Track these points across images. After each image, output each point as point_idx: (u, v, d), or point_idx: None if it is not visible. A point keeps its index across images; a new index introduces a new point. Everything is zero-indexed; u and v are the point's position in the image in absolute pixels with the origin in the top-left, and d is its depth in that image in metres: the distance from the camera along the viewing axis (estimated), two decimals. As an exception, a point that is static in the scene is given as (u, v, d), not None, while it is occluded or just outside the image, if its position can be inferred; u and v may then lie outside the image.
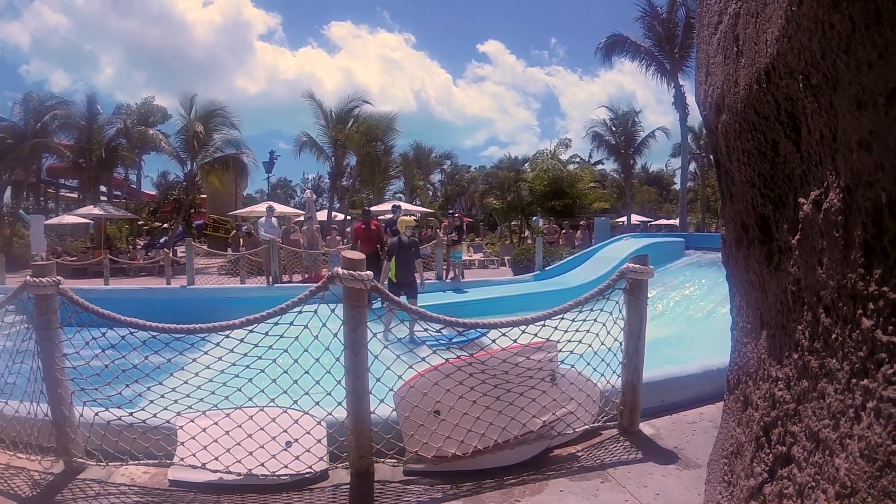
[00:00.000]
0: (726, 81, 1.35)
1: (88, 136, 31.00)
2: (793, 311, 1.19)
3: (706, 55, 1.52)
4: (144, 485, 3.72)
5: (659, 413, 4.72)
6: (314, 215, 19.55)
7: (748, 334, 1.50)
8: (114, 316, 3.79)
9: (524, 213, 39.42)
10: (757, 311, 1.42)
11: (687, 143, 34.95)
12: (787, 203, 1.20)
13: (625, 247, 15.54)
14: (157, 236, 32.82)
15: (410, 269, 9.76)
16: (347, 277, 3.54)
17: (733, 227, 1.53)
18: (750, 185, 1.34)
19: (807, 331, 1.13)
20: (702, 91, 1.56)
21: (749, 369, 1.46)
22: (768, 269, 1.31)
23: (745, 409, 1.46)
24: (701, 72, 1.58)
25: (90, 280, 17.22)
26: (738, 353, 1.58)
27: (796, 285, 1.17)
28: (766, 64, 1.14)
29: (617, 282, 4.34)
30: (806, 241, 1.11)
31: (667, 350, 8.25)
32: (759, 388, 1.36)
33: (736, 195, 1.46)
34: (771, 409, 1.27)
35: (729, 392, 1.65)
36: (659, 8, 30.64)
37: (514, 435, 3.91)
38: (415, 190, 48.98)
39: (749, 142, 1.28)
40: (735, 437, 1.51)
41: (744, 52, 1.24)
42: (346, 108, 33.37)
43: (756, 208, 1.34)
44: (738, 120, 1.31)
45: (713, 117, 1.47)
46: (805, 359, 1.13)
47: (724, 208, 1.59)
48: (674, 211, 51.30)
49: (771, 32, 1.10)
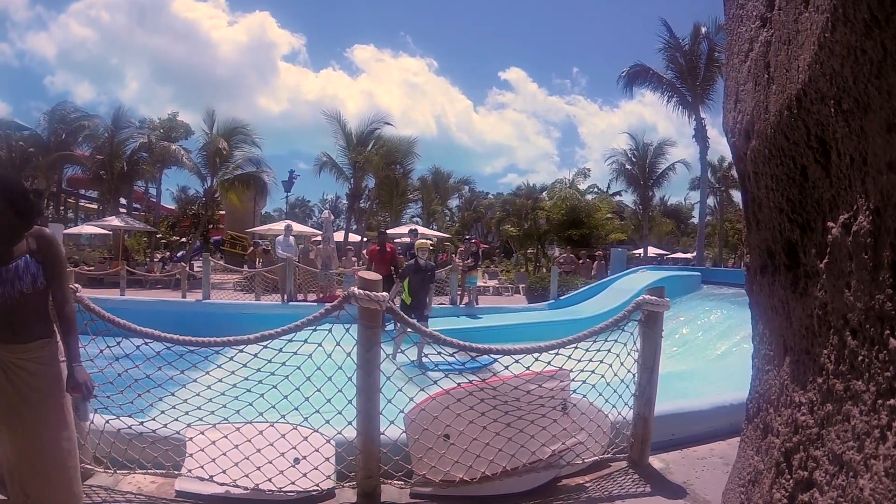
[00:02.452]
0: (756, 108, 1.36)
1: (111, 148, 31.38)
2: (818, 335, 1.19)
3: (735, 83, 1.53)
4: (151, 494, 3.73)
5: (669, 447, 4.66)
6: (331, 235, 19.65)
7: (770, 361, 1.50)
8: (129, 325, 3.83)
9: (540, 242, 39.40)
10: (780, 338, 1.42)
11: (707, 176, 34.83)
12: (815, 228, 1.21)
13: (640, 278, 15.45)
14: (174, 250, 33.06)
15: (423, 293, 9.70)
16: (363, 297, 3.55)
17: (758, 253, 1.53)
18: (778, 211, 1.35)
19: (832, 354, 1.13)
20: (730, 118, 1.57)
21: (770, 396, 1.45)
22: (794, 294, 1.32)
23: (765, 436, 1.45)
24: (730, 99, 1.59)
25: (106, 290, 17.34)
26: (759, 380, 1.57)
27: (822, 309, 1.17)
28: (797, 90, 1.15)
29: (632, 313, 4.32)
30: (834, 265, 1.12)
31: (679, 384, 8.15)
32: (781, 414, 1.35)
33: (763, 221, 1.46)
34: (793, 434, 1.26)
35: (748, 421, 1.64)
36: (682, 40, 30.65)
37: (522, 462, 3.89)
38: (432, 214, 49.05)
39: (778, 167, 1.29)
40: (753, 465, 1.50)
41: (774, 79, 1.26)
42: (367, 129, 33.58)
43: (783, 234, 1.34)
44: (767, 146, 1.32)
45: (742, 143, 1.48)
46: (830, 382, 1.13)
47: (749, 235, 1.59)
48: (690, 244, 50.94)
49: (803, 59, 1.12)
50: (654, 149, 36.75)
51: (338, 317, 3.79)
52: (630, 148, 37.44)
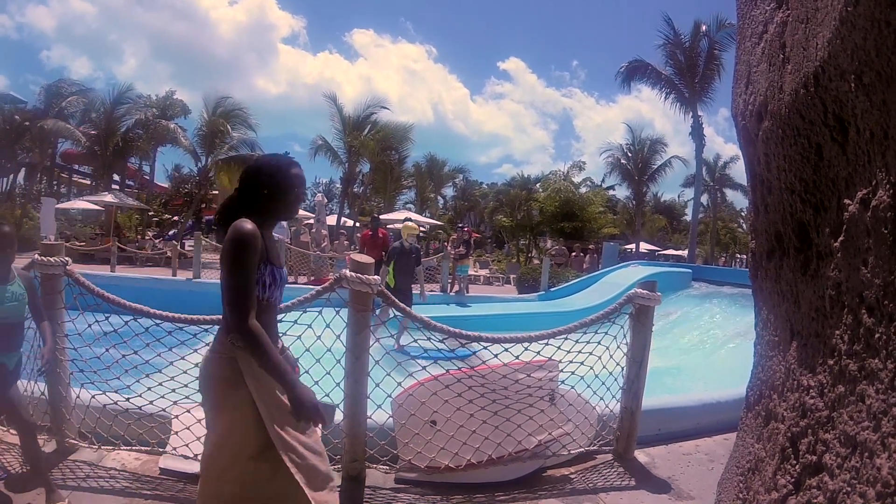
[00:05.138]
0: (770, 88, 1.36)
1: (107, 124, 31.16)
2: (830, 316, 1.19)
3: (747, 66, 1.53)
4: (135, 471, 3.73)
5: (655, 442, 4.69)
6: (323, 219, 19.61)
7: (774, 347, 1.49)
8: (119, 301, 3.81)
9: (533, 233, 39.41)
10: (787, 323, 1.42)
11: (702, 174, 34.86)
12: (829, 207, 1.21)
13: (632, 273, 15.48)
14: (166, 228, 32.93)
15: (409, 276, 9.66)
16: (355, 280, 3.54)
17: (765, 238, 1.53)
18: (790, 192, 1.35)
19: (846, 335, 1.12)
20: (741, 101, 1.57)
21: (774, 383, 1.44)
22: (804, 277, 1.32)
23: (768, 423, 1.44)
24: (740, 82, 1.59)
25: (97, 266, 17.25)
26: (762, 367, 1.57)
27: (836, 289, 1.17)
28: (814, 68, 1.16)
29: (623, 306, 4.33)
30: (850, 242, 1.12)
31: (667, 380, 8.21)
32: (787, 399, 1.35)
33: (772, 205, 1.46)
34: (800, 418, 1.26)
35: (748, 409, 1.64)
36: (682, 36, 30.59)
37: (508, 452, 3.90)
38: (426, 201, 48.95)
39: (791, 147, 1.29)
40: (754, 452, 1.49)
41: (790, 59, 1.26)
42: (364, 114, 33.48)
43: (794, 215, 1.35)
44: (781, 126, 1.32)
45: (754, 125, 1.47)
46: (843, 363, 1.12)
47: (756, 220, 1.59)
48: (682, 241, 51.11)
49: (822, 36, 1.12)
50: (650, 145, 36.81)
51: (328, 299, 3.78)
52: (626, 143, 37.50)
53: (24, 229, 25.13)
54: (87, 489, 3.49)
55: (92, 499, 3.39)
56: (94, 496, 3.42)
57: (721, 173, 49.84)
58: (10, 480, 3.47)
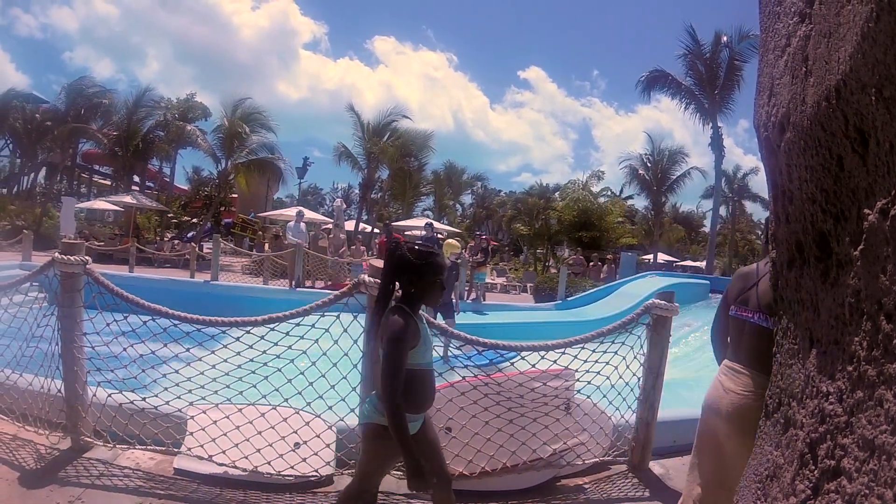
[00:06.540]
0: (793, 100, 1.38)
1: (128, 125, 31.49)
2: (849, 323, 1.22)
3: (770, 78, 1.55)
4: (149, 470, 3.74)
5: (670, 453, 4.64)
6: (342, 224, 19.68)
7: (794, 356, 1.51)
8: (137, 301, 3.83)
9: (550, 242, 39.35)
10: (806, 331, 1.45)
11: (721, 185, 34.64)
12: (849, 216, 1.24)
13: (649, 284, 15.40)
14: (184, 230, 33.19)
15: (450, 290, 9.77)
16: (373, 285, 3.54)
17: (786, 248, 1.55)
18: (811, 202, 1.37)
19: (864, 341, 1.15)
20: (763, 113, 1.59)
21: (793, 390, 1.46)
22: (823, 285, 1.35)
23: (787, 430, 1.45)
24: (763, 94, 1.61)
25: (115, 266, 17.40)
26: (781, 375, 1.59)
27: (855, 297, 1.19)
28: (836, 81, 1.19)
29: (641, 316, 4.29)
30: (869, 251, 1.14)
31: (683, 391, 8.13)
32: (805, 406, 1.36)
33: (793, 215, 1.48)
34: (819, 424, 1.27)
35: (766, 417, 1.65)
36: (703, 47, 30.41)
37: (523, 460, 3.87)
38: (444, 209, 49.08)
39: (813, 158, 1.32)
40: (772, 460, 1.50)
41: (813, 72, 1.29)
42: (384, 121, 33.67)
43: (815, 225, 1.37)
44: (803, 137, 1.34)
45: (776, 136, 1.49)
46: (861, 369, 1.14)
47: (777, 230, 1.60)
48: (700, 253, 50.72)
49: (844, 50, 1.15)
50: (669, 155, 36.59)
51: (346, 304, 3.78)
52: (646, 152, 37.28)
53: (43, 227, 25.47)
54: (101, 487, 3.50)
55: (105, 497, 3.41)
56: (108, 494, 3.44)
57: (740, 184, 49.55)
58: (24, 476, 3.50)
